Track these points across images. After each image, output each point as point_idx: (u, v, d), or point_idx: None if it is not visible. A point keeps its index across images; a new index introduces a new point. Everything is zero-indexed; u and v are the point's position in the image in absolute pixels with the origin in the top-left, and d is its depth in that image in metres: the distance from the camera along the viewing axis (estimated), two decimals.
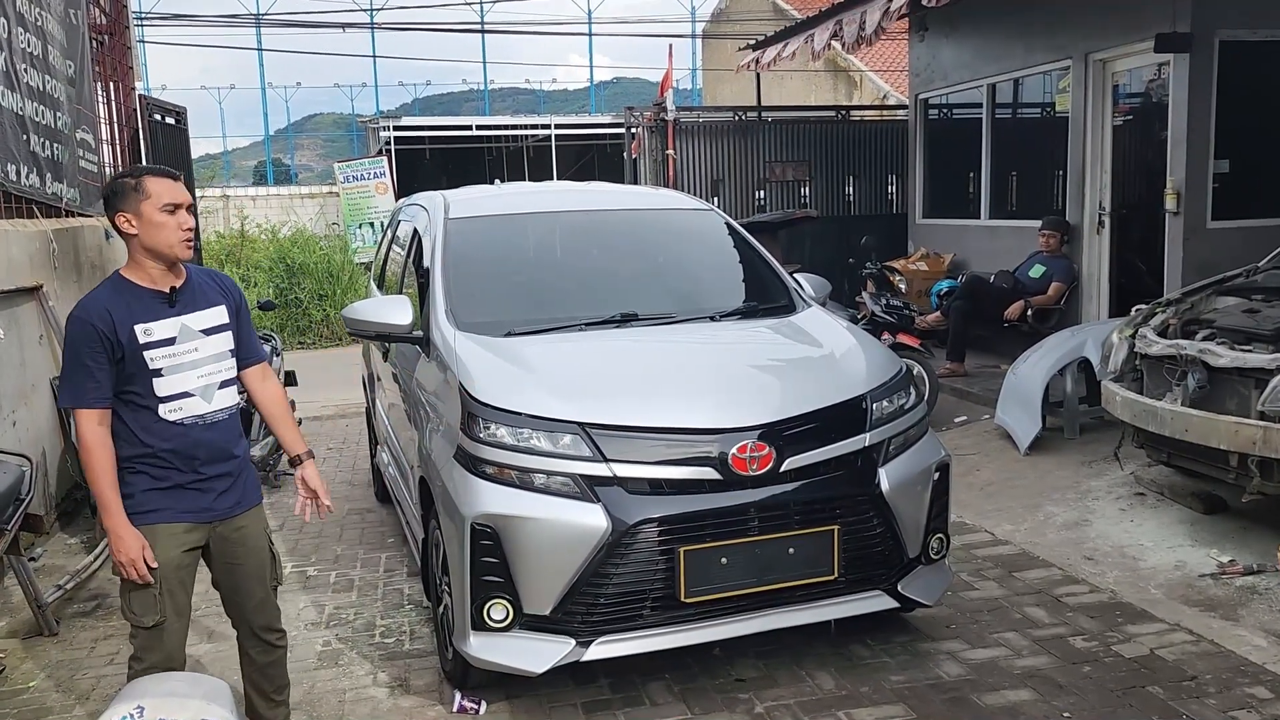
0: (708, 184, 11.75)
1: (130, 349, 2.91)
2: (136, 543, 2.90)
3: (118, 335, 2.89)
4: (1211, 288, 5.52)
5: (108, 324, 2.88)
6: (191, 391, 3.01)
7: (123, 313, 2.92)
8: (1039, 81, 9.45)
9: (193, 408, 3.01)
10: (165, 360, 2.96)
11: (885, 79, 19.14)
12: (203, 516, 3.06)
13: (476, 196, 5.41)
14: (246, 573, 3.19)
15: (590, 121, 24.60)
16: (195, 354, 3.02)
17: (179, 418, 2.98)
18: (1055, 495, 5.78)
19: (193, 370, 3.01)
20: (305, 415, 8.15)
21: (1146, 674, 3.73)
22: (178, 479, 2.99)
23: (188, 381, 3.00)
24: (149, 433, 2.95)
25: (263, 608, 3.25)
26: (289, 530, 5.93)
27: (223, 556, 3.16)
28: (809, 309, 4.55)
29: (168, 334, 2.97)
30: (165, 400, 2.96)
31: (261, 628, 3.25)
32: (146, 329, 2.93)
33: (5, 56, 5.78)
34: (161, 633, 2.98)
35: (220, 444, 3.07)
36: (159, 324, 2.96)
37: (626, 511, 3.37)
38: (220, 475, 3.08)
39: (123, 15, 8.54)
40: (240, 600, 3.22)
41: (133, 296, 2.96)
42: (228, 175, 41.81)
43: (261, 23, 28.57)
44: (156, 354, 2.95)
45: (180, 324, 3.00)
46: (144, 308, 2.96)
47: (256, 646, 3.26)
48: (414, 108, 39.22)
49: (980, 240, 9.90)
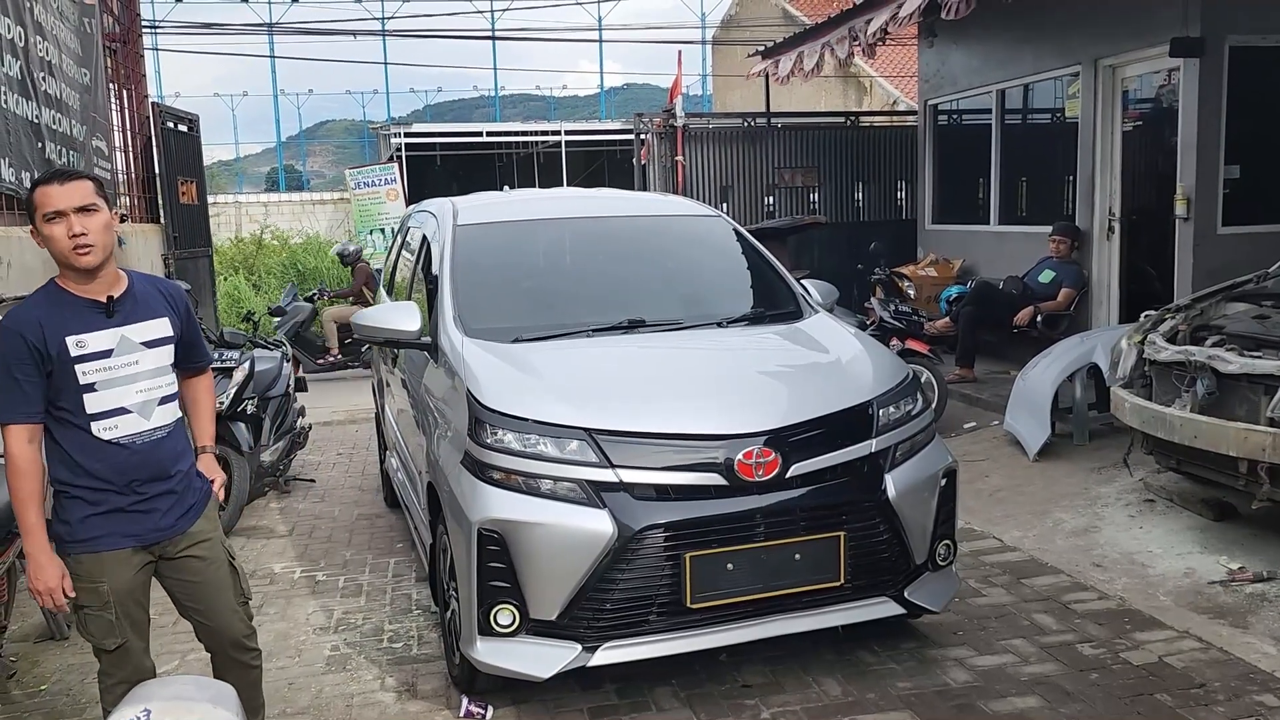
0: (717, 190, 11.75)
1: (60, 362, 2.72)
2: (56, 571, 2.76)
3: (47, 347, 2.71)
4: (1221, 294, 5.50)
5: (37, 335, 2.70)
6: (129, 408, 2.82)
7: (54, 323, 2.73)
8: (1048, 87, 9.44)
9: (130, 425, 2.82)
10: (99, 374, 2.77)
11: (895, 84, 19.13)
12: (148, 538, 2.89)
13: (485, 203, 5.44)
14: (207, 587, 3.01)
15: (600, 128, 24.61)
16: (135, 367, 2.83)
17: (114, 436, 2.79)
18: (1064, 501, 5.76)
19: (130, 385, 2.82)
20: (316, 420, 8.20)
21: (1155, 681, 3.71)
22: (116, 502, 2.81)
23: (125, 397, 2.81)
24: (82, 452, 2.77)
25: (231, 622, 3.06)
26: (298, 535, 5.96)
27: (177, 574, 2.99)
28: (816, 315, 4.55)
29: (103, 345, 2.78)
30: (98, 418, 2.77)
31: (234, 645, 3.08)
32: (79, 340, 2.75)
33: (21, 65, 5.85)
34: (126, 653, 2.89)
35: (162, 462, 2.88)
36: (94, 335, 2.77)
37: (633, 517, 3.37)
38: (162, 494, 2.89)
39: (135, 24, 8.63)
40: (208, 620, 3.04)
41: (67, 306, 2.77)
42: (241, 182, 42.02)
43: (274, 31, 28.72)
44: (89, 367, 2.76)
45: (120, 335, 2.81)
46: (78, 318, 2.77)
47: (231, 667, 3.10)
48: (425, 114, 39.35)
49: (990, 246, 9.89)
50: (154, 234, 8.32)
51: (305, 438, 7.20)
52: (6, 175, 5.63)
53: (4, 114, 5.60)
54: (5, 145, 5.60)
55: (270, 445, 6.52)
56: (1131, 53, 8.01)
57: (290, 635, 4.47)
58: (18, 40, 5.79)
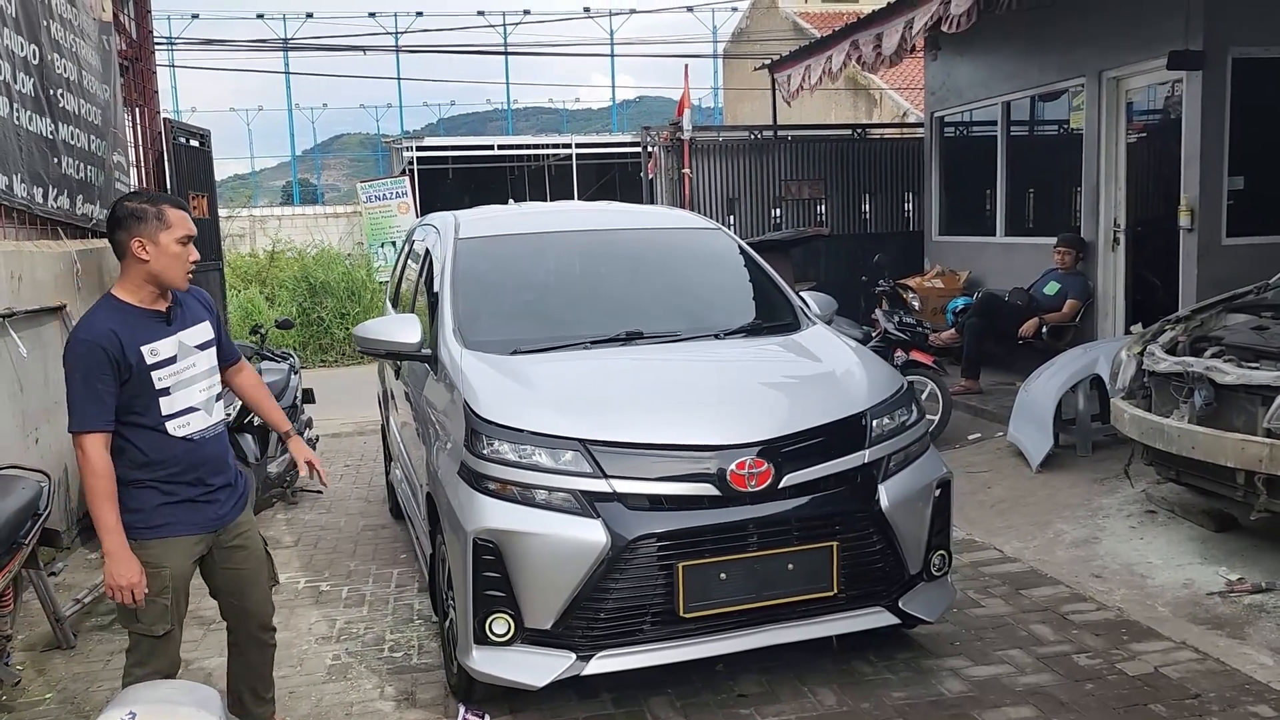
0: (723, 202, 11.79)
1: (138, 370, 2.98)
2: (136, 567, 2.96)
3: (126, 357, 2.95)
4: (1221, 305, 5.51)
5: (115, 346, 2.94)
6: (197, 406, 3.12)
7: (128, 334, 2.98)
8: (1054, 99, 9.46)
9: (199, 422, 3.12)
10: (171, 379, 3.05)
11: (905, 97, 19.15)
12: (209, 527, 3.18)
13: (487, 216, 5.50)
14: (250, 574, 3.33)
15: (611, 140, 24.75)
16: (194, 369, 3.13)
17: (187, 433, 3.08)
18: (1066, 512, 5.76)
19: (194, 385, 3.12)
20: (324, 432, 8.26)
21: (1149, 692, 3.72)
22: (186, 493, 3.09)
23: (192, 396, 3.11)
24: (158, 450, 3.03)
25: (263, 606, 3.40)
26: (304, 545, 6.02)
27: (225, 562, 3.27)
28: (813, 327, 4.58)
29: (169, 352, 3.06)
30: (172, 417, 3.05)
31: (260, 626, 3.41)
32: (152, 349, 3.02)
33: (35, 82, 5.94)
34: (169, 641, 3.10)
35: (221, 455, 3.21)
36: (161, 343, 3.05)
37: (626, 527, 3.41)
38: (223, 486, 3.21)
39: (148, 41, 8.73)
40: (243, 603, 3.34)
41: (133, 318, 3.03)
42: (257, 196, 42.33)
43: (288, 47, 28.99)
44: (163, 373, 3.04)
45: (178, 341, 3.10)
46: (145, 328, 3.03)
47: (254, 646, 3.42)
48: (439, 127, 39.62)
49: (996, 257, 9.90)
50: None
51: (313, 449, 7.25)
52: (19, 190, 5.71)
53: (17, 130, 5.68)
54: (18, 161, 5.68)
55: (277, 456, 6.59)
56: (1135, 65, 8.02)
57: (293, 645, 4.51)
58: (31, 58, 5.88)
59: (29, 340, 5.48)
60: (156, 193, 4.01)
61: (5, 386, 5.27)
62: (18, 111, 5.70)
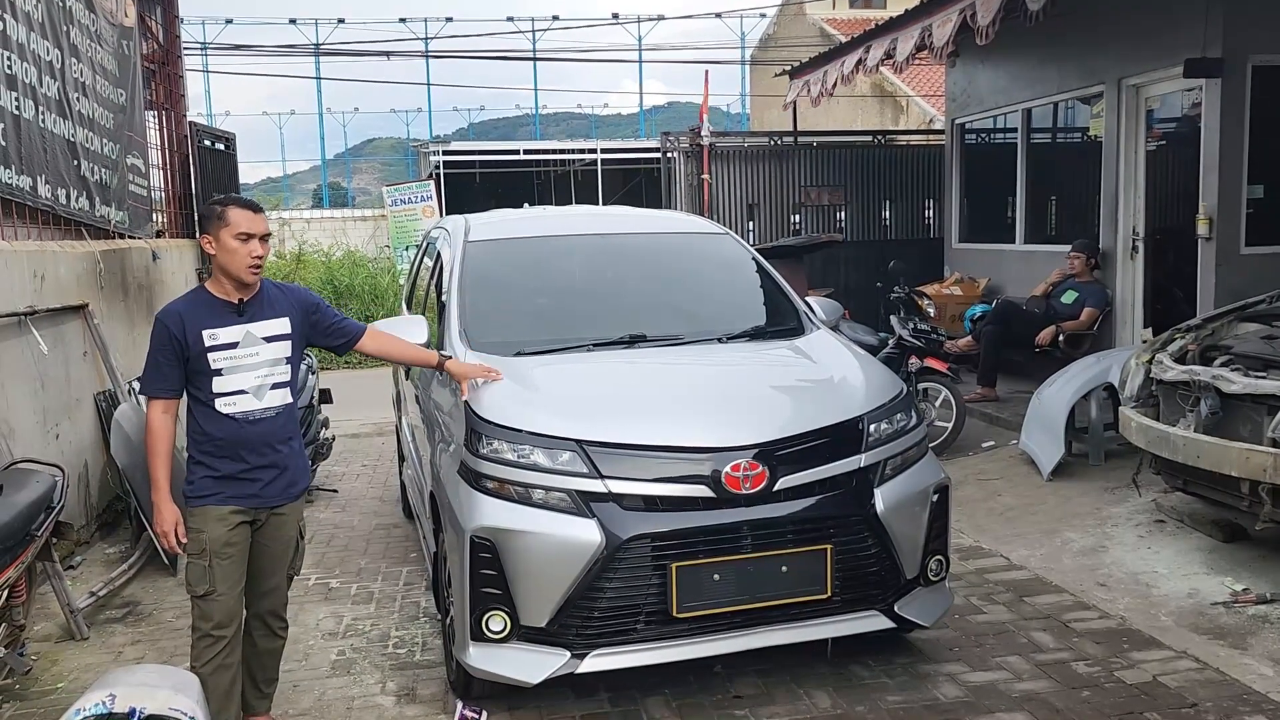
0: (743, 208, 11.81)
1: (195, 350, 3.32)
2: (172, 516, 3.35)
3: (186, 338, 3.31)
4: (1233, 314, 5.48)
5: (179, 327, 3.32)
6: (246, 390, 3.39)
7: (194, 319, 3.34)
8: (1074, 107, 9.42)
9: (245, 404, 3.38)
10: (225, 361, 3.36)
11: (931, 103, 19.08)
12: (249, 503, 3.42)
13: (498, 220, 5.57)
14: (272, 555, 3.53)
15: (635, 146, 24.83)
16: (255, 358, 3.40)
17: (231, 411, 3.37)
18: (1075, 521, 5.74)
19: (250, 372, 3.39)
20: (342, 433, 8.36)
21: (1146, 700, 3.71)
22: (227, 469, 3.38)
23: (244, 381, 3.38)
24: (208, 422, 3.37)
25: (276, 593, 3.59)
26: (317, 543, 6.09)
27: (258, 539, 3.50)
28: (816, 332, 4.60)
29: (232, 339, 3.37)
30: (221, 396, 3.36)
31: (270, 613, 3.59)
32: (213, 334, 3.34)
33: (59, 86, 6.08)
34: (213, 602, 3.34)
35: (266, 439, 3.43)
36: (225, 330, 3.36)
37: (621, 527, 3.45)
38: (265, 466, 3.43)
39: (174, 45, 8.89)
40: (258, 582, 3.53)
41: (207, 305, 3.39)
42: (289, 199, 42.78)
43: (319, 53, 29.33)
44: (218, 355, 3.35)
45: (246, 330, 3.39)
46: (214, 315, 3.37)
47: (261, 631, 3.59)
48: (469, 132, 39.88)
49: (1016, 265, 9.85)
50: (189, 249, 8.55)
51: (329, 449, 7.35)
52: (43, 191, 5.84)
53: (42, 132, 5.82)
54: (42, 163, 5.82)
55: None
56: (1155, 72, 7.98)
57: (300, 640, 4.57)
58: (55, 62, 6.02)
59: (50, 338, 5.60)
60: (232, 195, 4.54)
61: (27, 384, 5.39)
62: (42, 114, 5.84)
